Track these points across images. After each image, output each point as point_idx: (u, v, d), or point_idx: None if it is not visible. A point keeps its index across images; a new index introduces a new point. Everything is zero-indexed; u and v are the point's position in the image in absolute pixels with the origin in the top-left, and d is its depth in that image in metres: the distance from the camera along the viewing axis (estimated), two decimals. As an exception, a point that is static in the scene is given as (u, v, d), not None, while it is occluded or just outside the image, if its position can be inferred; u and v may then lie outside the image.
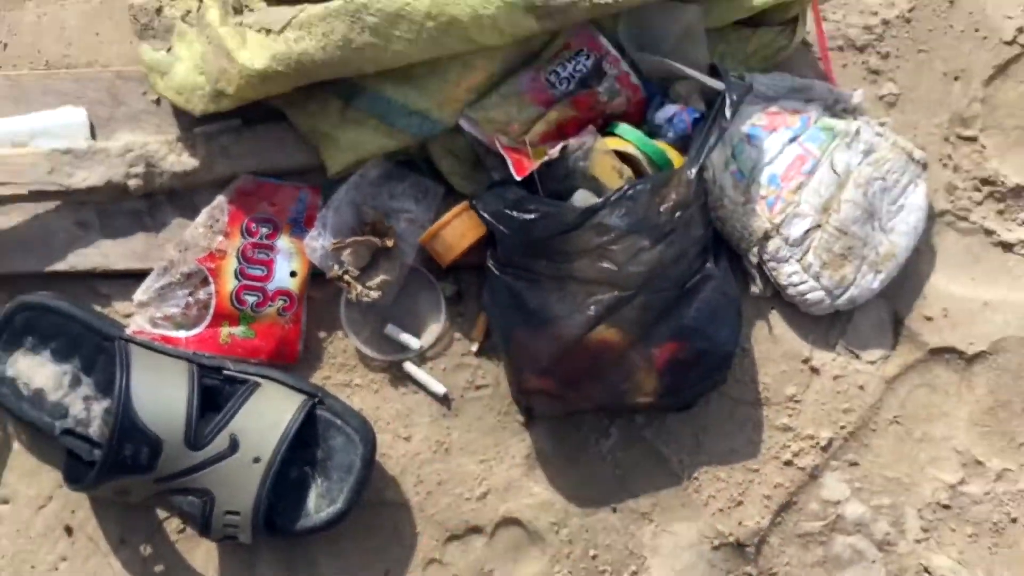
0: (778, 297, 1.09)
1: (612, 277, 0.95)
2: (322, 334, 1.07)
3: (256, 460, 0.96)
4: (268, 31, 0.95)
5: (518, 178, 0.97)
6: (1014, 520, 1.07)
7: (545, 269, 0.97)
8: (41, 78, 1.07)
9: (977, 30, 1.14)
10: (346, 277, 1.02)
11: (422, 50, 0.95)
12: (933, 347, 1.09)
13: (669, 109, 1.04)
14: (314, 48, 0.93)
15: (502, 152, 0.99)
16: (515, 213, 0.94)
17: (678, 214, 0.96)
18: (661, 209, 0.96)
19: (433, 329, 1.09)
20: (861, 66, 1.14)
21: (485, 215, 0.97)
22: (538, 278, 0.97)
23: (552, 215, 0.94)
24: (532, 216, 0.94)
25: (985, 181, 1.12)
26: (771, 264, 1.06)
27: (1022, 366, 1.09)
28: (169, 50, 1.01)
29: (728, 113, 0.99)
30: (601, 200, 0.95)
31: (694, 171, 0.97)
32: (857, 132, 1.06)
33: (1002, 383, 1.09)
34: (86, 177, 1.01)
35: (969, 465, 1.08)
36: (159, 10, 1.01)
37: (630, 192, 0.94)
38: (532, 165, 0.98)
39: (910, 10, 1.14)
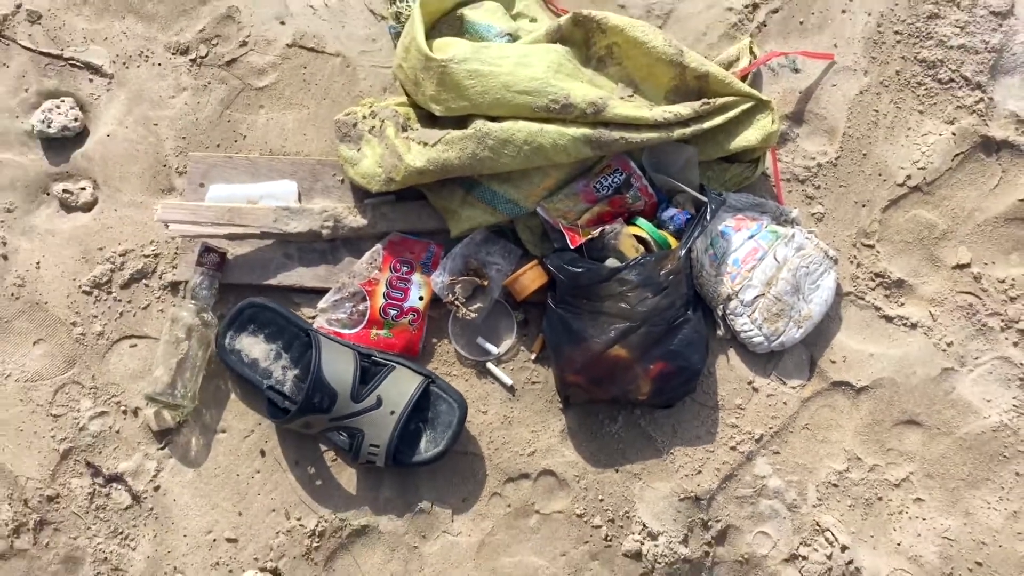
0: (734, 339, 1.64)
1: (626, 313, 1.50)
2: (435, 340, 1.63)
3: (392, 413, 1.51)
4: (425, 144, 1.52)
5: (572, 247, 1.53)
6: (880, 498, 1.60)
7: (584, 306, 1.52)
8: (268, 160, 1.64)
9: (880, 174, 1.71)
10: (456, 303, 1.58)
11: (520, 163, 1.51)
12: (834, 380, 1.64)
13: (671, 211, 1.60)
14: (454, 157, 1.50)
15: (562, 230, 1.55)
16: (570, 267, 1.51)
17: (671, 277, 1.52)
18: (661, 273, 1.51)
19: (507, 342, 1.64)
20: (801, 192, 1.71)
21: (551, 268, 1.53)
22: (579, 311, 1.53)
23: (592, 270, 1.50)
24: (580, 270, 1.50)
25: (877, 275, 1.68)
26: (730, 317, 1.61)
27: (892, 398, 1.63)
28: (359, 150, 1.58)
29: (709, 216, 1.55)
30: (623, 264, 1.51)
31: (683, 252, 1.52)
32: (793, 236, 1.62)
33: (878, 408, 1.64)
34: (296, 226, 1.58)
35: (852, 460, 1.62)
36: (355, 125, 1.59)
37: (642, 261, 1.50)
38: (581, 240, 1.54)
39: (836, 158, 1.71)
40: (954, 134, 1.70)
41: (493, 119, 1.50)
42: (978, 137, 1.70)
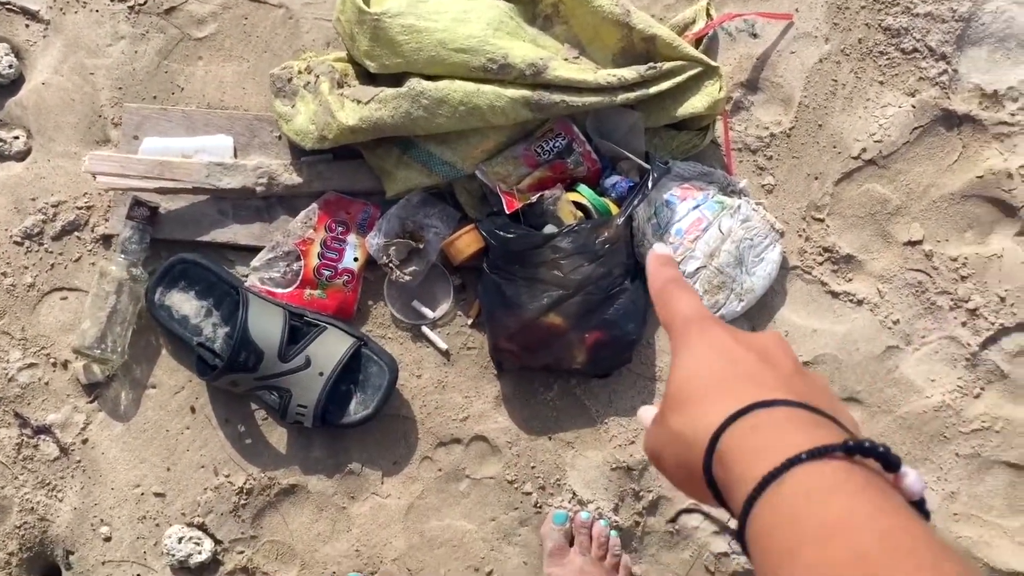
0: (675, 310, 1.61)
1: (560, 281, 1.48)
2: (371, 302, 1.61)
3: (321, 374, 1.50)
4: (358, 101, 1.49)
5: (508, 212, 1.50)
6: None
7: (518, 272, 1.50)
8: (204, 114, 1.61)
9: (835, 147, 1.66)
10: (390, 265, 1.56)
11: (455, 124, 1.47)
12: (775, 355, 1.61)
13: (614, 178, 1.57)
14: (387, 116, 1.46)
15: (500, 194, 1.52)
16: (501, 232, 1.48)
17: (608, 246, 1.49)
18: (597, 241, 1.48)
19: (443, 306, 1.62)
20: (752, 163, 1.66)
21: (483, 232, 1.50)
22: (513, 278, 1.50)
23: (525, 236, 1.47)
24: (512, 235, 1.47)
25: (826, 250, 1.64)
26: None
27: (833, 375, 1.60)
28: (293, 106, 1.55)
29: (651, 184, 1.51)
30: (557, 231, 1.48)
31: (621, 220, 1.49)
32: (739, 207, 1.58)
33: (818, 384, 1.61)
34: (229, 182, 1.55)
35: (789, 436, 1.59)
36: (289, 80, 1.55)
37: (576, 228, 1.47)
38: (518, 205, 1.51)
39: (791, 129, 1.66)
40: (914, 107, 1.65)
41: (429, 78, 1.46)
42: (939, 110, 1.65)
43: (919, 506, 0.41)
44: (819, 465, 0.40)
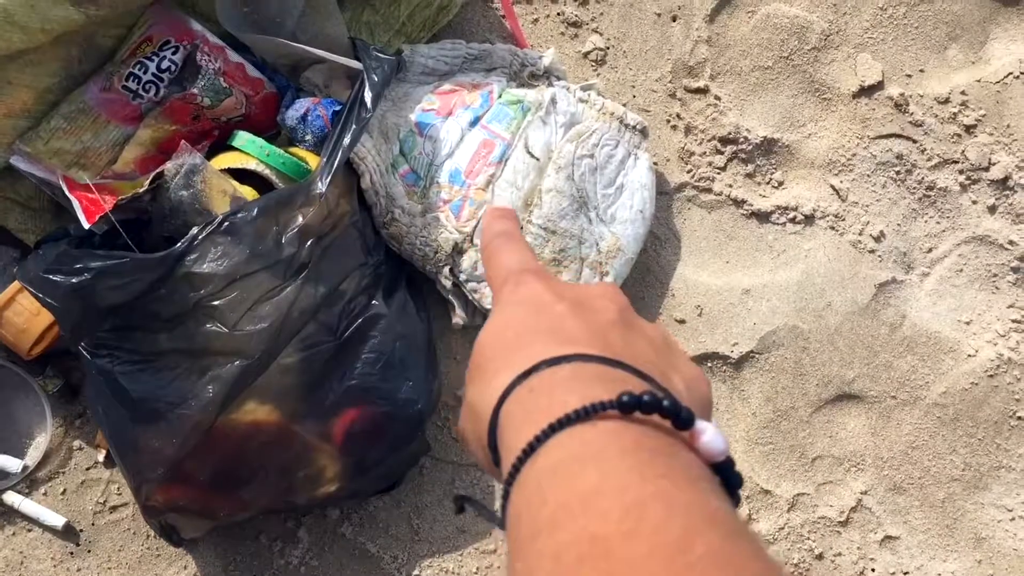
0: (487, 325, 0.84)
1: (226, 342, 0.69)
2: None
3: None
4: None
5: (87, 226, 0.70)
6: (819, 556, 0.85)
7: (142, 345, 0.70)
8: None
9: (691, -46, 0.92)
10: None
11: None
12: (690, 355, 0.86)
13: (301, 104, 0.79)
14: None
15: (67, 192, 0.72)
16: (59, 277, 0.66)
17: (310, 242, 0.71)
18: (283, 239, 0.70)
19: (39, 441, 0.81)
20: (556, 18, 0.90)
21: (25, 285, 0.69)
22: (137, 358, 0.70)
23: (112, 272, 0.66)
24: (83, 278, 0.66)
25: (726, 140, 0.89)
26: (470, 285, 0.81)
27: (799, 362, 0.87)
28: None
29: (369, 99, 0.74)
30: (184, 240, 0.68)
31: (326, 182, 0.71)
32: (553, 102, 0.83)
33: (780, 387, 0.87)
34: None
35: (755, 497, 0.85)
36: None
37: (226, 224, 0.68)
38: (108, 206, 0.71)
39: (607, -58, 0.91)
40: None
41: None
42: None
43: (724, 470, 0.30)
44: (585, 429, 0.30)
